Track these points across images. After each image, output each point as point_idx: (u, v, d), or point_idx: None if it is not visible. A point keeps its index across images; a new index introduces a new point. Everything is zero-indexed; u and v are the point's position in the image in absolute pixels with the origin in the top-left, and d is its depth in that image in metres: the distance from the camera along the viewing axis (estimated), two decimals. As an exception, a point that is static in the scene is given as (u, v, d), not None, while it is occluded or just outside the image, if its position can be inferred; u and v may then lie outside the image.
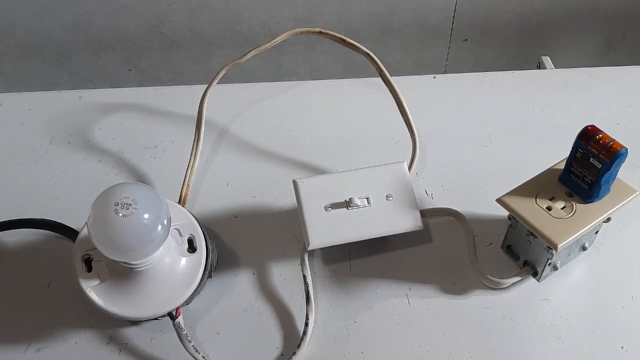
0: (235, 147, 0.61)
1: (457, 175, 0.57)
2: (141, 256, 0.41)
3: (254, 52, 0.58)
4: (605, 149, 0.42)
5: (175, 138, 0.61)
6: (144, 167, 0.59)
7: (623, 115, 0.63)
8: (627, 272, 0.50)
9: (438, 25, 0.89)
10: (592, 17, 0.91)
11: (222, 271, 0.51)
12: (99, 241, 0.39)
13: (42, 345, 0.47)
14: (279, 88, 0.66)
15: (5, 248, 0.52)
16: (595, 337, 0.46)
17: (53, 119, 0.63)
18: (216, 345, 0.46)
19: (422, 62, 0.94)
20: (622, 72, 0.68)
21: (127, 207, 0.39)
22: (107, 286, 0.44)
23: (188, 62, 0.92)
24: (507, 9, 0.88)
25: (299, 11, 0.86)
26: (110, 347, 0.46)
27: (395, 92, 0.57)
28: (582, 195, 0.45)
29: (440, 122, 0.62)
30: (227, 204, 0.55)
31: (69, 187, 0.57)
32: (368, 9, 0.86)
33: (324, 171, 0.58)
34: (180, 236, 0.47)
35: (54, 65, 0.91)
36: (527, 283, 0.49)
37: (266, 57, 0.90)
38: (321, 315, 0.48)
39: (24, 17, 0.85)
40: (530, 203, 0.45)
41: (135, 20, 0.86)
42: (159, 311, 0.44)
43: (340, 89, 0.67)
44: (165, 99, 0.65)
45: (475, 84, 0.66)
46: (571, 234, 0.43)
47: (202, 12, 0.85)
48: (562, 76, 0.68)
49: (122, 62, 0.92)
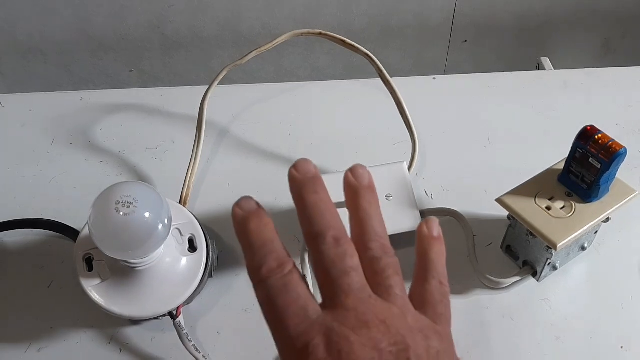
0: (236, 147, 0.61)
1: (457, 175, 0.57)
2: (142, 255, 0.42)
3: (254, 53, 0.59)
4: (605, 149, 0.42)
5: (176, 139, 0.61)
6: (145, 168, 0.59)
7: (622, 116, 0.63)
8: (626, 272, 0.50)
9: (438, 27, 0.90)
10: (591, 18, 0.91)
11: (222, 271, 0.51)
12: (99, 240, 0.40)
13: (43, 345, 0.47)
14: (280, 89, 0.67)
15: (6, 248, 0.53)
16: (595, 337, 0.46)
17: (54, 119, 0.63)
18: (216, 345, 0.47)
19: (422, 63, 0.95)
20: (621, 73, 0.68)
21: (128, 206, 0.39)
22: (108, 286, 0.44)
23: (189, 63, 0.92)
24: (506, 10, 0.89)
25: (299, 12, 0.86)
26: (111, 347, 0.47)
27: (395, 93, 0.57)
28: (581, 195, 0.45)
29: (440, 123, 0.62)
30: (228, 204, 0.55)
31: (70, 187, 0.57)
32: (368, 10, 0.86)
33: (324, 171, 0.58)
34: (181, 236, 0.47)
35: (55, 66, 0.92)
36: (526, 283, 0.49)
37: (267, 58, 0.90)
38: (321, 315, 0.48)
39: (25, 18, 0.85)
40: (530, 203, 0.45)
41: (136, 21, 0.86)
42: (160, 310, 0.44)
43: (340, 90, 0.67)
44: (166, 100, 0.65)
45: (475, 85, 0.66)
46: (570, 233, 0.43)
47: (202, 13, 0.86)
48: (561, 77, 0.68)
49: (123, 63, 0.92)
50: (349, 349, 0.26)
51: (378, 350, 0.26)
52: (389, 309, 0.28)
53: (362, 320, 0.27)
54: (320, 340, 0.26)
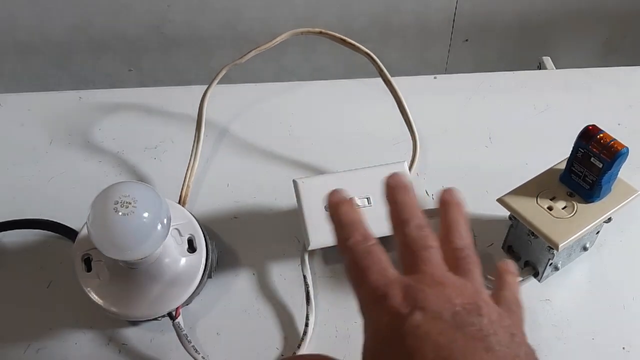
0: (236, 147, 0.61)
1: (458, 175, 0.57)
2: (141, 255, 0.41)
3: (254, 52, 0.58)
4: (606, 149, 0.42)
5: (175, 138, 0.61)
6: (144, 168, 0.59)
7: (624, 115, 0.63)
8: (628, 273, 0.50)
9: (438, 26, 0.89)
10: (592, 18, 0.91)
11: (222, 271, 0.51)
12: (98, 240, 0.39)
13: (42, 346, 0.46)
14: (280, 88, 0.66)
15: (5, 248, 0.52)
16: (597, 338, 0.46)
17: (53, 119, 0.63)
18: (216, 346, 0.46)
19: (423, 62, 0.94)
20: (622, 72, 0.68)
21: (127, 206, 0.38)
22: (107, 286, 0.44)
23: (188, 62, 0.92)
24: (508, 10, 0.88)
25: (300, 11, 0.86)
26: (109, 348, 0.46)
27: (395, 92, 0.57)
28: (583, 195, 0.45)
29: (441, 123, 0.62)
30: (227, 204, 0.55)
31: (69, 187, 0.57)
32: (368, 9, 0.86)
33: (324, 171, 0.58)
34: (180, 236, 0.47)
35: (54, 66, 0.91)
36: (528, 283, 0.49)
37: (266, 58, 0.89)
38: (321, 316, 0.48)
39: (24, 17, 0.85)
40: (531, 203, 0.45)
41: (135, 20, 0.86)
42: (159, 311, 0.44)
43: (341, 89, 0.67)
44: (166, 99, 0.65)
45: (476, 85, 0.66)
46: (572, 233, 0.43)
47: (202, 13, 0.85)
48: (562, 76, 0.68)
49: (122, 63, 0.92)
50: (424, 297, 0.28)
51: (451, 303, 0.28)
52: (464, 283, 0.30)
53: (438, 281, 0.29)
54: (398, 291, 0.29)
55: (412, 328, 0.27)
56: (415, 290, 0.29)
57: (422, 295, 0.28)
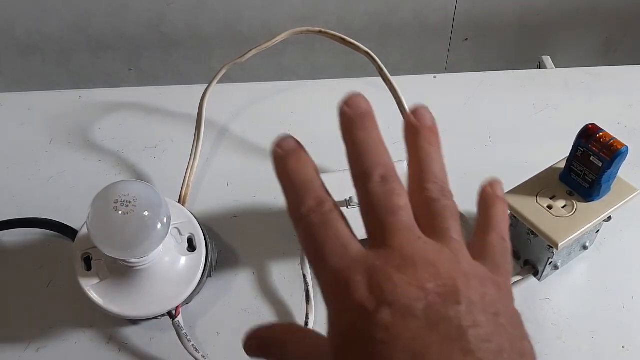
0: (235, 146, 0.61)
1: (458, 174, 0.57)
2: (140, 254, 0.41)
3: (254, 51, 0.58)
4: (606, 148, 0.42)
5: (175, 138, 0.61)
6: (144, 167, 0.59)
7: (623, 114, 0.63)
8: (628, 272, 0.50)
9: (438, 25, 0.89)
10: (592, 17, 0.91)
11: (222, 270, 0.51)
12: (98, 239, 0.39)
13: (42, 345, 0.46)
14: (279, 87, 0.66)
15: (4, 248, 0.52)
16: (597, 337, 0.46)
17: (53, 118, 0.63)
18: (216, 345, 0.46)
19: (423, 62, 0.94)
20: (622, 71, 0.68)
21: (127, 205, 0.38)
22: (107, 285, 0.44)
23: (188, 61, 0.92)
24: (507, 9, 0.88)
25: (299, 11, 0.86)
26: (109, 347, 0.46)
27: (395, 91, 0.57)
28: (583, 194, 0.45)
29: (441, 122, 0.61)
30: (227, 204, 0.55)
31: (69, 186, 0.57)
32: (368, 9, 0.86)
33: (324, 170, 0.57)
34: (180, 235, 0.47)
35: (53, 65, 0.91)
36: (527, 282, 0.49)
37: (266, 57, 0.89)
38: (321, 315, 0.48)
39: (24, 16, 0.85)
40: (531, 202, 0.45)
41: (135, 19, 0.86)
42: (159, 310, 0.44)
43: (341, 89, 0.66)
44: (165, 99, 0.65)
45: (476, 84, 0.66)
46: (572, 232, 0.43)
47: (202, 12, 0.85)
48: (562, 76, 0.68)
49: (122, 62, 0.92)
50: (392, 288, 0.24)
51: (424, 290, 0.24)
52: (440, 250, 0.26)
53: (408, 259, 0.25)
54: (362, 278, 0.24)
55: (379, 330, 0.23)
56: (381, 275, 0.24)
57: (389, 285, 0.24)
